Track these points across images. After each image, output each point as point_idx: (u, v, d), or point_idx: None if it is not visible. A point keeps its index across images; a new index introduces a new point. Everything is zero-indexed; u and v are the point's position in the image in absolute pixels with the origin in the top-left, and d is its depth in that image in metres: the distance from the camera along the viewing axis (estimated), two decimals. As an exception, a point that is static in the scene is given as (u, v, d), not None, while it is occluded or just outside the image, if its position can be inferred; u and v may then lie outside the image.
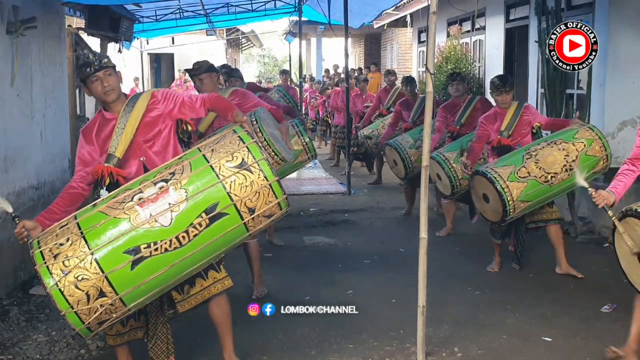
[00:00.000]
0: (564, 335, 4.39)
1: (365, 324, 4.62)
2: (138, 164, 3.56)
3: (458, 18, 12.42)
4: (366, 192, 9.91)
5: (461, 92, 7.10)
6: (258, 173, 3.20)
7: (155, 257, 3.10)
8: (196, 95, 3.79)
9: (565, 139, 5.33)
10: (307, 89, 17.20)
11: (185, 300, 3.57)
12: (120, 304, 3.09)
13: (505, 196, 5.07)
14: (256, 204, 3.22)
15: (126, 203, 3.16)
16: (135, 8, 10.01)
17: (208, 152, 3.28)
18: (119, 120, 3.53)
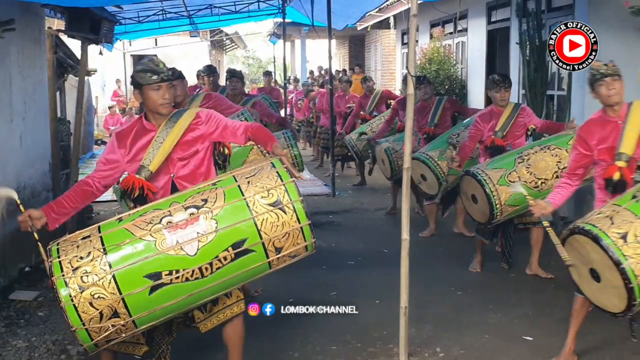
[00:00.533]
0: (545, 335, 4.43)
1: (349, 325, 4.64)
2: (167, 180, 3.51)
3: (441, 20, 12.48)
4: (350, 194, 9.93)
5: (429, 94, 7.27)
6: (291, 214, 3.12)
7: (175, 285, 3.04)
8: (239, 123, 3.71)
9: (559, 144, 5.33)
10: (292, 91, 17.21)
11: (207, 319, 3.46)
12: (131, 325, 3.05)
13: (493, 199, 5.09)
14: (284, 245, 3.15)
15: (154, 224, 3.09)
16: (117, 10, 9.94)
17: (244, 183, 3.20)
18: (159, 133, 3.47)
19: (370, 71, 20.24)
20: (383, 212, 8.39)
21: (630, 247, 3.17)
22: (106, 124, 18.38)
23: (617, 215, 3.31)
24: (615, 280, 3.23)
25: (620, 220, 3.27)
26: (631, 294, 3.18)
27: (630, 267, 3.15)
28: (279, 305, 4.71)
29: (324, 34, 10.36)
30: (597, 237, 3.25)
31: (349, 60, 23.15)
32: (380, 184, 9.74)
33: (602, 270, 3.33)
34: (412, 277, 4.05)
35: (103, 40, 7.96)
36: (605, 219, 3.32)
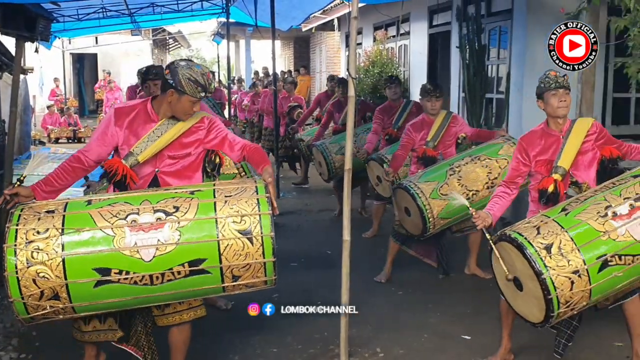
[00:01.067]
0: (483, 334, 4.53)
1: (290, 327, 4.64)
2: (151, 173, 3.47)
3: (384, 23, 12.62)
4: (295, 195, 9.93)
5: (398, 95, 7.19)
6: (258, 247, 3.05)
7: (122, 285, 3.00)
8: (239, 139, 3.67)
9: (489, 154, 5.37)
10: (236, 91, 17.10)
11: (163, 316, 3.44)
12: (70, 310, 3.03)
13: (426, 213, 5.10)
14: (243, 274, 3.09)
15: (118, 219, 3.03)
16: (54, 7, 9.70)
17: (221, 201, 3.12)
18: (158, 126, 3.43)
19: (315, 73, 20.30)
20: (327, 213, 8.43)
21: (553, 259, 3.23)
22: (44, 123, 17.89)
23: (544, 225, 3.36)
24: (535, 290, 3.29)
25: (546, 231, 3.33)
26: (549, 305, 3.24)
27: (550, 279, 3.20)
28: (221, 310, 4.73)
29: (268, 34, 10.34)
30: (521, 246, 3.31)
31: (294, 61, 23.17)
32: (325, 185, 9.77)
33: (524, 280, 3.40)
34: (354, 277, 4.09)
35: (39, 38, 7.74)
36: (532, 229, 3.38)
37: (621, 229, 3.30)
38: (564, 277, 3.21)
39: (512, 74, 7.76)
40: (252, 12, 10.76)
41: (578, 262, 3.23)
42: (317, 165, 8.01)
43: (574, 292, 3.24)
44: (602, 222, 3.32)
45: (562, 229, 3.31)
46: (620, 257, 3.28)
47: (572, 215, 3.38)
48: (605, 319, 4.41)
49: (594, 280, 3.25)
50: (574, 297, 3.26)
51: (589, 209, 3.39)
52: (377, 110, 7.20)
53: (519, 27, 7.66)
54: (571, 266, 3.22)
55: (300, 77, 17.52)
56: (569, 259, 3.23)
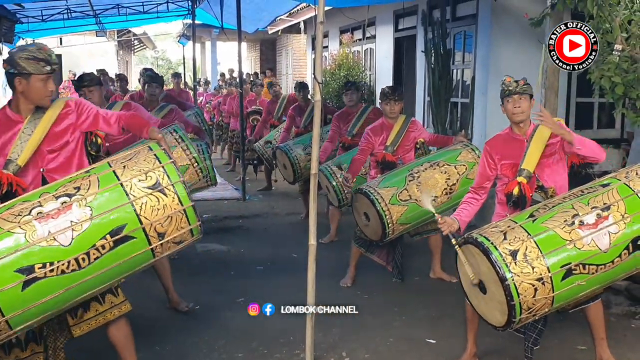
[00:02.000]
0: (448, 337, 4.56)
1: (255, 331, 4.62)
2: (36, 174, 3.36)
3: (350, 26, 12.66)
4: (261, 198, 9.89)
5: (355, 101, 7.07)
6: (173, 196, 3.01)
7: (50, 279, 2.87)
8: (112, 112, 3.63)
9: (448, 160, 5.37)
10: (202, 93, 17.00)
11: (78, 325, 3.33)
12: (5, 327, 2.86)
13: (385, 219, 5.08)
14: (167, 229, 3.04)
15: (22, 216, 2.91)
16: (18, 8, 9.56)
17: (119, 168, 3.07)
18: (26, 124, 3.31)
19: (282, 75, 20.28)
20: (293, 217, 8.41)
21: (518, 266, 3.25)
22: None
23: (511, 231, 3.38)
24: (499, 295, 3.31)
25: (512, 237, 3.34)
26: (512, 310, 3.27)
27: (514, 285, 3.22)
28: (184, 312, 4.68)
29: (234, 36, 10.30)
30: (487, 250, 3.32)
31: (261, 63, 23.09)
32: (292, 188, 9.74)
33: (488, 283, 3.42)
34: (320, 281, 4.08)
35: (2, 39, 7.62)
36: (498, 234, 3.40)
37: (587, 238, 3.33)
38: (528, 284, 3.24)
39: (477, 78, 7.85)
40: (218, 14, 10.74)
41: (542, 269, 3.26)
42: (281, 168, 7.95)
43: (537, 299, 3.27)
44: (568, 230, 3.34)
45: (529, 235, 3.33)
46: (584, 266, 3.32)
47: (539, 222, 3.40)
48: (568, 322, 4.48)
49: (557, 287, 3.28)
50: (537, 304, 3.29)
51: (556, 217, 3.41)
52: (334, 117, 7.13)
53: (484, 32, 7.75)
54: (535, 273, 3.25)
55: (267, 80, 17.45)
56: (533, 265, 3.25)
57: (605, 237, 3.35)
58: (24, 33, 13.40)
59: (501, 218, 3.83)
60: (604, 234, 3.35)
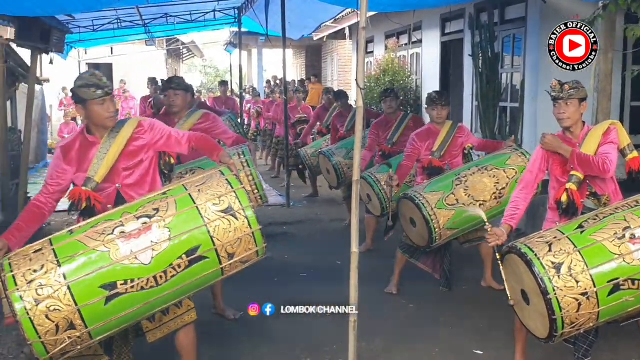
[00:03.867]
0: (496, 348, 4.44)
1: (298, 339, 4.59)
2: (113, 190, 3.53)
3: (396, 31, 12.57)
4: (305, 204, 9.87)
5: (394, 108, 6.93)
6: (243, 220, 3.20)
7: (130, 295, 3.06)
8: (183, 132, 3.77)
9: (497, 164, 5.26)
10: (249, 100, 17.12)
11: (157, 329, 3.51)
12: (87, 337, 3.06)
13: (432, 224, 4.99)
14: (236, 250, 3.23)
15: (106, 235, 3.10)
16: (69, 19, 9.77)
17: (194, 191, 3.26)
18: (102, 144, 3.50)
19: (327, 81, 20.30)
20: (337, 224, 8.35)
21: (562, 280, 3.15)
22: (60, 132, 18.01)
23: (557, 243, 3.27)
24: (541, 307, 3.22)
25: (558, 249, 3.24)
26: (553, 325, 3.17)
27: (556, 299, 3.13)
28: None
29: (280, 43, 10.32)
30: (530, 262, 3.23)
31: (306, 70, 23.18)
32: (336, 195, 9.70)
33: (531, 295, 3.32)
34: (364, 289, 4.02)
35: (54, 49, 7.81)
36: (544, 245, 3.29)
37: (638, 253, 3.20)
38: (571, 299, 3.14)
39: (527, 82, 7.68)
40: (264, 22, 10.78)
41: (588, 284, 3.15)
42: (324, 173, 7.93)
43: (581, 313, 3.16)
44: (618, 244, 3.22)
45: (575, 248, 3.22)
46: (633, 281, 3.19)
47: (587, 234, 3.28)
48: (622, 334, 4.31)
49: (603, 303, 3.16)
50: (580, 319, 3.18)
51: (606, 229, 3.29)
52: (372, 125, 6.98)
53: (533, 35, 7.58)
54: (580, 288, 3.14)
55: (312, 86, 17.49)
56: (578, 280, 3.14)
57: None
58: (75, 43, 13.74)
59: (552, 225, 3.72)
60: None
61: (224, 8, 12.70)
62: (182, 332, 3.59)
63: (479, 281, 5.76)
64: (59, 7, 6.07)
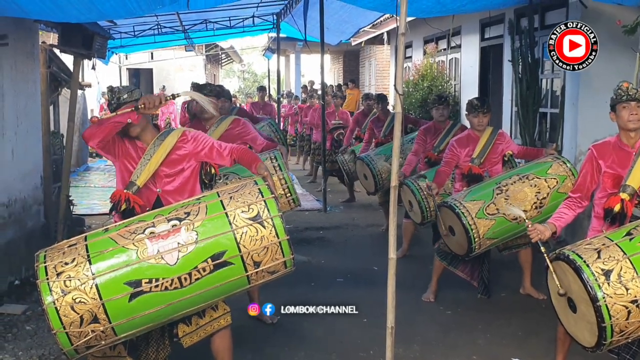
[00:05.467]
0: (534, 356, 4.40)
1: (336, 344, 4.60)
2: (153, 195, 3.66)
3: (434, 36, 12.51)
4: (342, 209, 9.89)
5: (445, 117, 6.83)
6: (270, 229, 3.22)
7: (154, 294, 3.13)
8: (225, 145, 3.84)
9: (538, 173, 5.18)
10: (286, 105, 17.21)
11: (193, 332, 3.55)
12: (111, 333, 3.12)
13: (471, 233, 4.94)
14: (263, 259, 3.24)
15: (137, 234, 3.20)
16: (110, 25, 9.95)
17: (226, 198, 3.32)
18: (147, 150, 3.65)
19: (365, 87, 20.29)
20: (374, 229, 8.35)
21: (612, 287, 3.11)
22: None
23: (606, 250, 3.23)
24: (589, 315, 3.18)
25: (607, 256, 3.20)
26: (602, 332, 3.12)
27: (606, 306, 3.09)
28: (266, 324, 4.71)
29: (318, 48, 10.38)
30: (579, 269, 3.19)
31: (344, 75, 23.22)
32: (373, 200, 9.70)
33: (578, 302, 3.29)
34: (401, 296, 4.01)
35: (96, 55, 7.96)
36: (592, 251, 3.25)
37: None
38: (621, 306, 3.09)
39: (567, 88, 7.57)
40: (302, 28, 10.85)
41: (638, 291, 3.10)
42: (362, 179, 7.92)
43: (630, 321, 3.11)
44: None
45: (625, 254, 3.18)
46: None
47: (636, 241, 3.23)
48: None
49: None
50: (630, 327, 3.13)
51: None
52: (420, 130, 6.93)
53: (574, 40, 7.47)
54: (630, 295, 3.09)
55: (349, 91, 17.51)
56: (628, 287, 3.10)
57: None
58: (117, 49, 13.99)
59: (597, 233, 3.66)
60: None
61: (262, 14, 12.81)
62: (217, 336, 3.62)
63: (518, 289, 5.70)
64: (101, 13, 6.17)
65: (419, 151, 6.75)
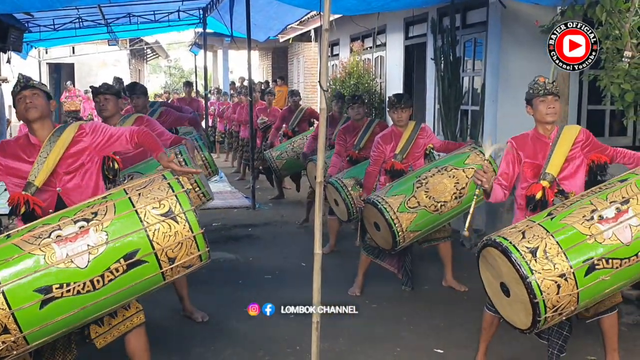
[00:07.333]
0: (456, 347, 4.51)
1: (262, 340, 4.60)
2: (53, 195, 3.48)
3: (360, 34, 12.64)
4: (271, 207, 9.87)
5: (362, 115, 6.89)
6: (184, 224, 3.15)
7: (66, 299, 3.00)
8: (124, 129, 3.70)
9: (456, 164, 5.32)
10: (214, 102, 17.05)
11: (107, 332, 3.43)
12: (23, 342, 2.99)
13: (395, 228, 5.04)
14: (177, 255, 3.16)
15: (43, 239, 3.05)
16: (28, 17, 9.62)
17: (135, 195, 3.21)
18: (43, 148, 3.46)
19: (294, 83, 20.29)
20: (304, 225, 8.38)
21: (539, 263, 3.21)
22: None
23: (529, 230, 3.35)
24: (522, 294, 3.28)
25: (531, 235, 3.32)
26: (536, 309, 3.22)
27: (536, 282, 3.19)
28: (193, 324, 4.66)
29: (246, 45, 10.31)
30: (506, 250, 3.30)
31: (272, 71, 23.15)
32: (302, 197, 9.72)
33: (510, 284, 3.39)
34: (327, 290, 4.04)
35: (11, 48, 7.67)
36: (517, 233, 3.37)
37: (608, 232, 3.29)
38: (550, 281, 3.20)
39: (487, 85, 7.80)
40: (229, 23, 10.76)
41: (564, 265, 3.22)
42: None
43: (561, 295, 3.22)
44: (587, 225, 3.31)
45: (548, 232, 3.30)
46: (607, 260, 3.27)
47: (557, 220, 3.38)
48: (578, 332, 4.41)
49: (581, 284, 3.24)
50: (561, 301, 3.24)
51: (575, 213, 3.39)
52: (339, 131, 6.98)
53: (494, 39, 7.70)
54: (557, 270, 3.21)
55: (278, 88, 17.49)
56: (554, 262, 3.22)
57: (626, 230, 3.30)
58: (36, 42, 13.53)
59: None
60: (625, 227, 3.31)
61: (188, 8, 12.64)
62: (132, 335, 3.51)
63: (440, 281, 5.84)
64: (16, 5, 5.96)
65: (341, 151, 6.79)
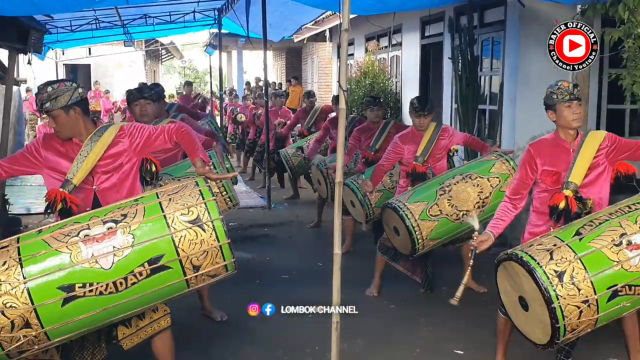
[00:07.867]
0: (476, 348, 4.48)
1: (280, 340, 4.60)
2: (90, 193, 3.51)
3: (376, 34, 12.61)
4: (286, 206, 9.87)
5: (380, 117, 6.87)
6: (211, 232, 3.13)
7: (88, 298, 3.02)
8: (163, 127, 3.69)
9: (481, 173, 5.22)
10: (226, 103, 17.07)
11: (133, 334, 3.46)
12: (44, 337, 3.03)
13: (415, 235, 4.98)
14: (202, 263, 3.14)
15: (71, 237, 3.08)
16: (47, 19, 9.67)
17: (165, 200, 3.21)
18: (84, 147, 3.48)
19: (307, 84, 20.31)
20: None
21: (565, 288, 3.16)
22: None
23: (558, 251, 3.28)
24: (543, 316, 3.23)
25: (559, 257, 3.24)
26: (555, 333, 3.19)
27: (560, 308, 3.15)
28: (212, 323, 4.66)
29: (260, 45, 10.31)
30: (533, 271, 3.23)
31: (286, 72, 23.18)
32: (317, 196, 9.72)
33: (531, 302, 3.33)
34: (345, 291, 4.03)
35: (31, 49, 7.72)
36: (544, 253, 3.29)
37: (635, 259, 3.23)
38: (573, 306, 3.16)
39: (505, 85, 7.75)
40: (244, 23, 10.77)
41: (589, 291, 3.17)
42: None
43: (581, 320, 3.19)
44: (616, 250, 3.25)
45: (576, 255, 3.24)
46: (630, 287, 3.23)
47: (586, 241, 3.30)
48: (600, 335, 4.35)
49: (602, 309, 3.20)
50: (581, 325, 3.22)
51: (604, 235, 3.31)
52: (355, 130, 6.95)
53: (512, 39, 7.64)
54: (582, 295, 3.16)
55: (292, 88, 17.51)
56: (580, 288, 3.17)
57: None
58: (53, 43, 13.60)
59: (535, 227, 3.76)
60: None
61: (203, 9, 12.67)
62: (158, 338, 3.55)
63: (459, 283, 5.78)
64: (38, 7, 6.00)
65: (352, 149, 6.79)
